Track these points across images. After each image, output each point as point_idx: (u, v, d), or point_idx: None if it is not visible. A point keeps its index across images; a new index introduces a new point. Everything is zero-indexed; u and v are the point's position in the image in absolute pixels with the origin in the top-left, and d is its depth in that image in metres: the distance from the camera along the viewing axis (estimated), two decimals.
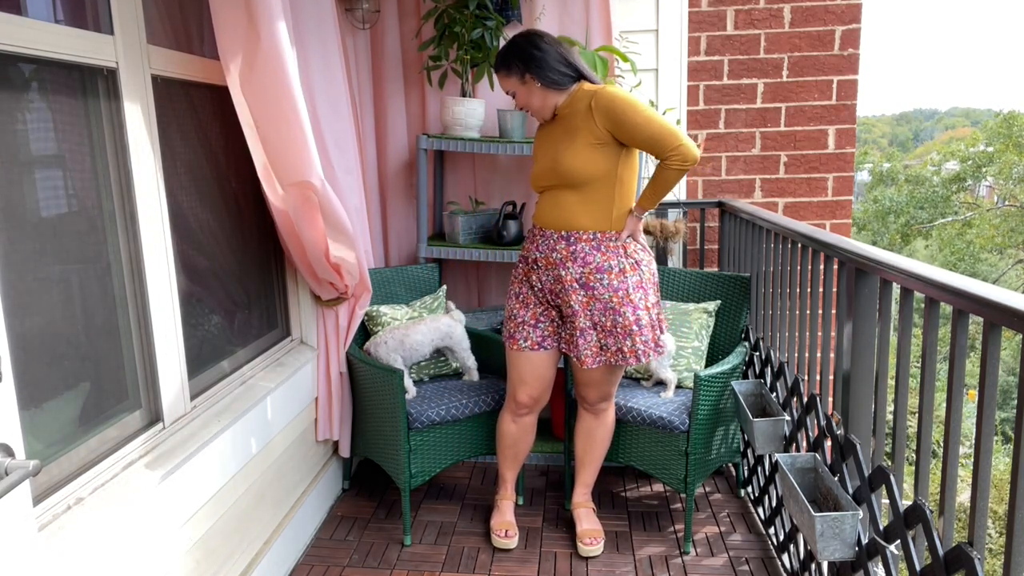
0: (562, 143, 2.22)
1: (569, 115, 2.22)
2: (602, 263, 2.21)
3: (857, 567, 1.78)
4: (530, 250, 2.32)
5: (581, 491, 2.61)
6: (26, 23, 1.41)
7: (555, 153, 2.22)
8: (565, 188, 2.22)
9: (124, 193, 1.73)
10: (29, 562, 1.12)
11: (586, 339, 2.25)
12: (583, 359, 2.27)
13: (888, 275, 1.72)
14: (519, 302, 2.37)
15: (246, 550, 2.14)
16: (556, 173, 2.21)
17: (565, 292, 2.24)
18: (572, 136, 2.19)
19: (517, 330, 2.36)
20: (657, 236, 3.18)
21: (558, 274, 2.24)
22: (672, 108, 3.31)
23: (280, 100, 1.94)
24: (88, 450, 1.60)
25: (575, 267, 2.22)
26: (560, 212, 2.23)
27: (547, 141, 2.28)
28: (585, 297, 2.23)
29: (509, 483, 2.64)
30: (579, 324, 2.25)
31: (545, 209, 2.28)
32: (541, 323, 2.35)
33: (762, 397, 2.44)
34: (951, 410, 1.47)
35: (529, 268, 2.33)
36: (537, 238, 2.29)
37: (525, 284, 2.36)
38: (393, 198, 3.27)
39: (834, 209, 3.56)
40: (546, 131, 2.32)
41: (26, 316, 1.43)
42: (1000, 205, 17.65)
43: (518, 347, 2.37)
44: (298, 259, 2.42)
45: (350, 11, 2.98)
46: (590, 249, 2.22)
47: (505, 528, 2.56)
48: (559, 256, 2.23)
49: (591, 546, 2.49)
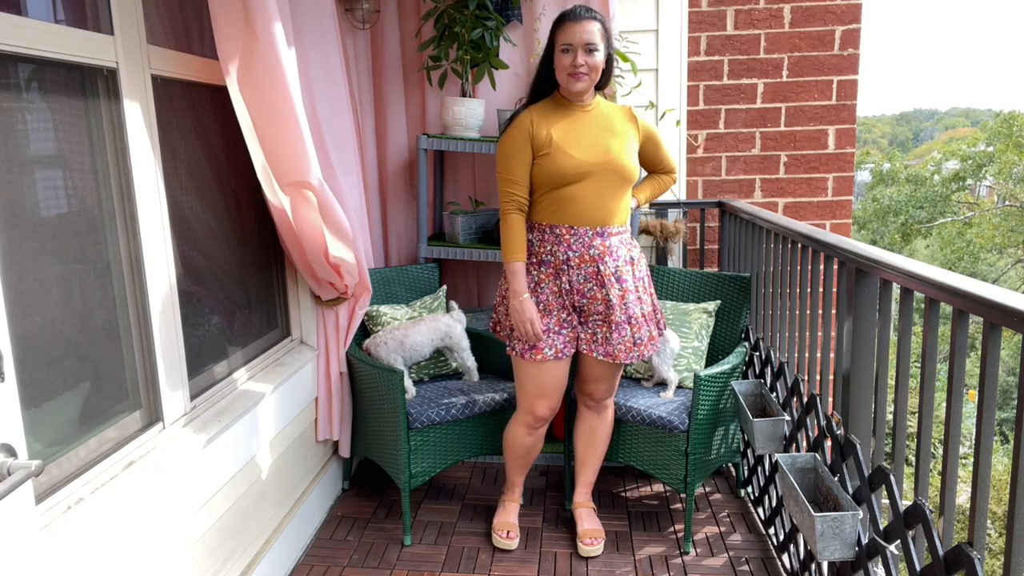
0: (612, 141, 2.20)
1: (605, 116, 2.24)
2: (627, 256, 2.26)
3: (857, 567, 1.78)
4: (556, 251, 2.22)
5: (582, 491, 2.60)
6: (26, 23, 1.41)
7: (607, 148, 2.18)
8: (606, 184, 2.19)
9: (124, 193, 1.73)
10: (31, 562, 1.12)
11: (621, 334, 2.23)
12: (617, 354, 2.24)
13: (888, 275, 1.72)
14: (540, 310, 2.25)
15: (246, 550, 2.14)
16: (612, 168, 2.17)
17: (602, 288, 2.21)
18: (621, 138, 2.22)
19: (541, 340, 2.24)
20: (657, 236, 3.18)
21: (595, 270, 2.20)
22: (672, 109, 3.31)
23: (277, 100, 1.94)
24: (88, 450, 1.60)
25: (611, 261, 2.21)
26: (597, 211, 2.19)
27: (582, 134, 2.18)
28: (620, 291, 2.23)
29: (518, 487, 2.63)
30: (615, 319, 2.22)
31: (584, 206, 2.18)
32: (564, 329, 2.27)
33: (762, 397, 2.44)
34: (951, 410, 1.48)
35: (556, 270, 2.23)
36: (566, 237, 2.20)
37: (543, 290, 2.25)
38: (393, 198, 3.27)
39: (834, 209, 3.56)
40: (573, 123, 2.20)
41: (26, 316, 1.43)
42: (1000, 205, 17.65)
43: (543, 357, 2.25)
44: (297, 259, 2.42)
45: (350, 11, 2.98)
46: (618, 243, 2.24)
47: (507, 529, 2.55)
48: (597, 252, 2.20)
49: (592, 546, 2.49)
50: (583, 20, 2.11)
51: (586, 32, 2.10)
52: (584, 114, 2.22)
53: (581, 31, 2.10)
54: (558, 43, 2.14)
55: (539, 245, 2.25)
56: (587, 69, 2.12)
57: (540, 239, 2.25)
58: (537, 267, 2.26)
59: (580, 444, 2.55)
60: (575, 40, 2.10)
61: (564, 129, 2.19)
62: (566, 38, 2.12)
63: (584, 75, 2.13)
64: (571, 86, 2.15)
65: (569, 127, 2.20)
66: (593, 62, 2.12)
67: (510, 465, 2.57)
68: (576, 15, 2.12)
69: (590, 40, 2.10)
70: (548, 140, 2.17)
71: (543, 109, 2.23)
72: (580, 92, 2.17)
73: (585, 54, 2.11)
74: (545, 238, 2.24)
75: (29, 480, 1.03)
